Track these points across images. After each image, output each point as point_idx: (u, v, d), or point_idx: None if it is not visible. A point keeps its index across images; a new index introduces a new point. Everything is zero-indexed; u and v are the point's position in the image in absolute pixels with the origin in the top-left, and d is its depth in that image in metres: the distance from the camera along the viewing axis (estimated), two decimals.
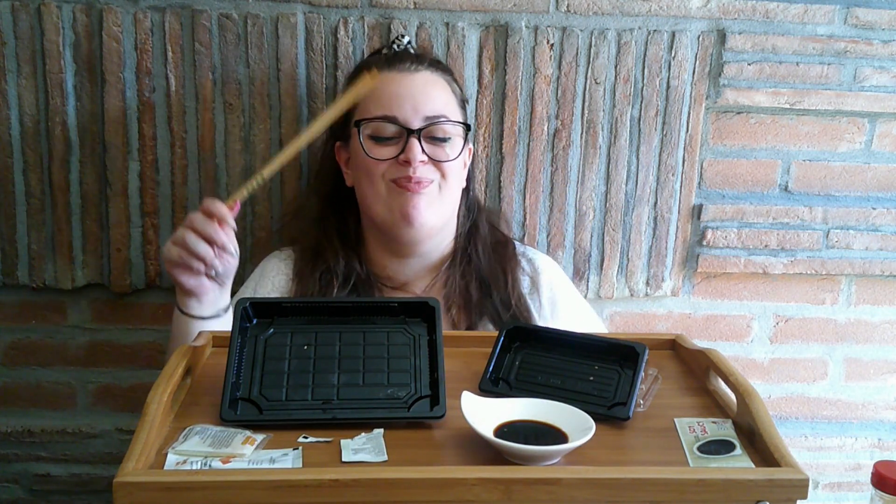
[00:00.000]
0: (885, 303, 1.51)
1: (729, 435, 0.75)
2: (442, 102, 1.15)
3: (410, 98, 1.13)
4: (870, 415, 1.57)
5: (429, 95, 1.14)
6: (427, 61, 1.18)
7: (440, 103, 1.15)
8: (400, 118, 1.13)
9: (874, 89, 1.41)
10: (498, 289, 1.20)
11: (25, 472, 1.46)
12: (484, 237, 1.24)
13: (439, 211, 1.16)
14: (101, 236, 1.36)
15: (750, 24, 1.37)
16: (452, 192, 1.18)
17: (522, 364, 0.85)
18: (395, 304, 0.86)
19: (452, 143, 1.15)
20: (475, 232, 1.24)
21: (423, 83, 1.15)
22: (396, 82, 1.14)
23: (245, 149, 1.34)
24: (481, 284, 1.20)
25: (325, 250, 1.20)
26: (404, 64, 1.16)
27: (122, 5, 1.28)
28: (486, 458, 0.70)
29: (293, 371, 0.79)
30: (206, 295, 1.09)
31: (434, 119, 1.13)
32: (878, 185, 1.46)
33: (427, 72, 1.17)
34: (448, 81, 1.19)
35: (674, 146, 1.40)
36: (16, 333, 1.41)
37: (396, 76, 1.15)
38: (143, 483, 0.63)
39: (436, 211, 1.15)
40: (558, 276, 1.27)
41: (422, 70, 1.16)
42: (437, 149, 1.14)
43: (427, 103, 1.13)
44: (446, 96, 1.17)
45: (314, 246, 1.21)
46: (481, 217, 1.26)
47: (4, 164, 1.32)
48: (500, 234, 1.28)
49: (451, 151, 1.15)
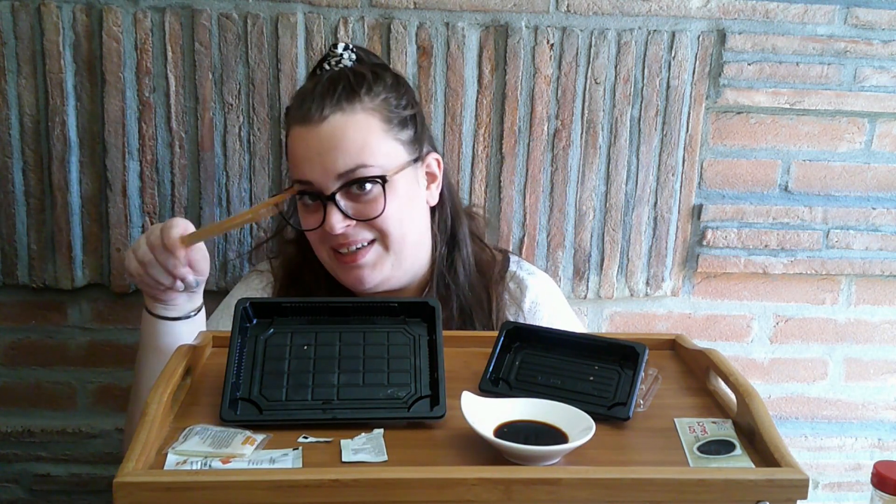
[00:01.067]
0: (885, 303, 1.52)
1: (729, 435, 0.75)
2: (355, 150, 1.02)
3: (318, 158, 1.02)
4: (870, 415, 1.57)
5: (338, 148, 1.01)
6: (338, 96, 1.03)
7: (353, 152, 1.01)
8: (314, 184, 1.03)
9: (874, 89, 1.41)
10: (480, 316, 1.12)
11: (25, 472, 1.46)
12: (465, 258, 1.14)
13: (390, 264, 1.07)
14: (101, 236, 1.36)
15: (750, 24, 1.37)
16: (400, 240, 1.06)
17: (522, 364, 0.85)
18: (395, 304, 0.86)
19: (374, 195, 1.03)
20: (456, 251, 1.14)
21: (330, 135, 1.02)
22: (304, 142, 1.03)
23: (245, 149, 1.34)
24: (462, 312, 1.12)
25: (306, 275, 1.15)
26: (312, 113, 1.02)
27: (122, 5, 1.28)
28: (486, 458, 0.70)
29: (293, 371, 0.79)
30: (172, 300, 1.06)
31: (347, 175, 1.02)
32: (878, 185, 1.46)
33: (336, 115, 1.02)
34: (372, 109, 1.03)
35: (674, 146, 1.40)
36: (16, 333, 1.41)
37: (303, 133, 1.03)
38: (143, 483, 0.63)
39: (387, 268, 1.07)
40: (544, 299, 1.18)
41: (329, 116, 1.02)
42: (362, 205, 1.03)
43: (337, 160, 1.01)
44: (363, 135, 1.02)
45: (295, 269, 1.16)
46: (461, 230, 1.15)
47: (4, 164, 1.32)
48: (488, 252, 1.18)
49: (379, 203, 1.03)
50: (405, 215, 1.07)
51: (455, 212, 1.17)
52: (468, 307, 1.13)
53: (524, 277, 1.18)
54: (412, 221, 1.09)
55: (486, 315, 1.13)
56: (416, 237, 1.10)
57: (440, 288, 1.13)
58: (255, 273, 1.20)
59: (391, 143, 1.05)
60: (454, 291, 1.13)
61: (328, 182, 1.03)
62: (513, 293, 1.16)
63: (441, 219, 1.15)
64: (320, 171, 1.02)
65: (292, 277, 1.16)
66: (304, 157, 1.04)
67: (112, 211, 1.35)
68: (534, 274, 1.21)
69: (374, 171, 1.03)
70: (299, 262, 1.16)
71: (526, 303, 1.16)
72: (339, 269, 1.08)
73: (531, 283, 1.18)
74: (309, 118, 1.03)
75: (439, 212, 1.15)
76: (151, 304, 1.07)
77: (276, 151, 1.35)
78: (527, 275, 1.19)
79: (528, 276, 1.19)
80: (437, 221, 1.14)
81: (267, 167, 1.35)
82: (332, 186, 1.03)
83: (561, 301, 1.23)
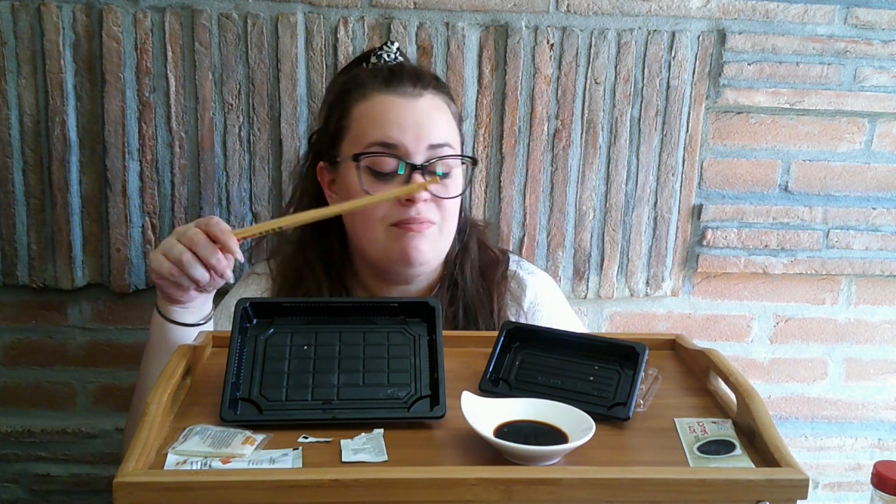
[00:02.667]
0: (885, 303, 1.52)
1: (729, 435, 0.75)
2: (446, 130, 1.07)
3: (414, 126, 1.04)
4: (870, 415, 1.57)
5: (433, 123, 1.06)
6: (427, 82, 1.09)
7: (444, 132, 1.07)
8: (402, 151, 1.04)
9: (874, 89, 1.41)
10: (483, 316, 1.13)
11: (25, 472, 1.46)
12: (473, 259, 1.17)
13: (439, 248, 1.10)
14: (101, 236, 1.36)
15: (750, 24, 1.37)
16: (452, 229, 1.11)
17: (522, 364, 0.85)
18: (395, 304, 0.86)
19: (455, 177, 1.09)
20: (464, 254, 1.17)
21: (427, 109, 1.06)
22: (397, 108, 1.05)
23: (245, 149, 1.34)
24: (467, 311, 1.14)
25: (306, 278, 1.13)
26: (405, 87, 1.06)
27: (122, 5, 1.28)
28: (486, 458, 0.70)
29: (293, 371, 0.79)
30: (191, 303, 1.04)
31: (438, 150, 1.05)
32: (878, 185, 1.46)
33: (429, 96, 1.08)
34: (447, 102, 1.11)
35: (674, 146, 1.40)
36: (16, 333, 1.41)
37: (397, 101, 1.06)
38: (143, 483, 0.63)
39: (436, 250, 1.09)
40: (544, 298, 1.19)
41: (425, 94, 1.07)
42: (440, 185, 1.06)
43: (432, 131, 1.05)
44: (448, 121, 1.09)
45: (294, 271, 1.15)
46: (472, 237, 1.19)
47: (4, 164, 1.32)
48: (492, 254, 1.20)
49: (456, 186, 1.09)
50: (458, 210, 1.12)
51: (467, 219, 1.20)
52: (472, 307, 1.14)
53: (524, 277, 1.19)
54: (457, 219, 1.13)
55: (489, 315, 1.14)
56: (454, 234, 1.14)
57: (450, 288, 1.14)
58: (253, 276, 1.19)
59: (459, 136, 1.12)
60: (460, 292, 1.14)
61: (419, 149, 1.04)
62: (513, 292, 1.17)
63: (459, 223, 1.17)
64: (414, 137, 1.04)
65: (292, 278, 1.15)
66: (396, 122, 1.04)
67: (112, 211, 1.35)
68: (534, 273, 1.21)
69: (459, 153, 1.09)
70: (299, 262, 1.15)
71: (526, 302, 1.17)
72: (397, 242, 1.06)
73: (531, 283, 1.19)
74: (403, 92, 1.06)
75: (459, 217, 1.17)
76: (168, 307, 1.04)
77: (276, 151, 1.35)
78: (527, 274, 1.20)
79: (528, 275, 1.20)
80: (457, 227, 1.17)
81: (267, 167, 1.35)
82: (421, 156, 1.05)
83: (561, 300, 1.23)
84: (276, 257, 1.19)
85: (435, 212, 1.07)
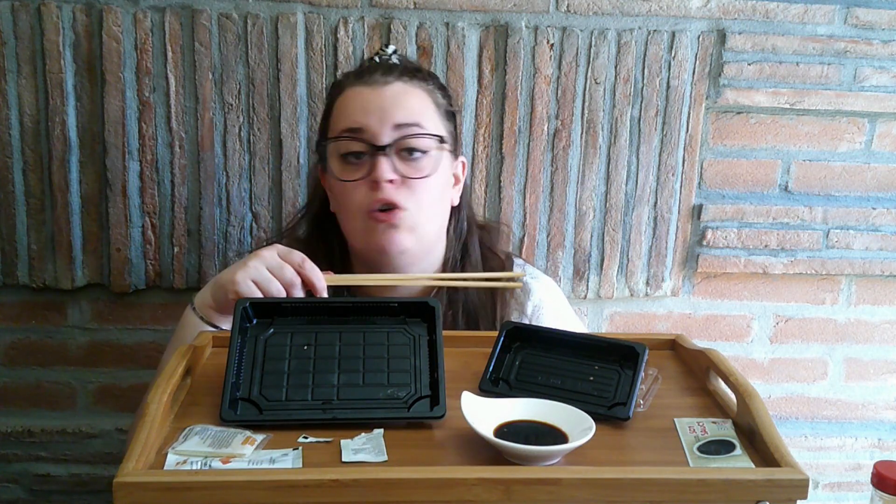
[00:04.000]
0: (885, 303, 1.52)
1: (729, 435, 0.75)
2: (416, 111, 1.06)
3: (378, 110, 1.05)
4: (870, 415, 1.57)
5: (399, 105, 1.05)
6: (401, 71, 1.09)
7: (414, 112, 1.06)
8: (367, 132, 1.04)
9: (874, 89, 1.41)
10: (485, 321, 1.13)
11: (25, 472, 1.46)
12: (475, 264, 1.16)
13: (417, 236, 1.08)
14: (101, 236, 1.36)
15: (750, 24, 1.37)
16: (431, 216, 1.09)
17: (522, 364, 0.85)
18: (395, 304, 0.86)
19: (428, 158, 1.06)
20: (466, 257, 1.16)
21: (394, 94, 1.06)
22: (363, 96, 1.06)
23: (245, 149, 1.34)
24: (468, 315, 1.13)
25: None
26: (374, 76, 1.07)
27: (122, 5, 1.28)
28: (486, 458, 0.70)
29: (293, 371, 0.79)
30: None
31: (404, 129, 1.04)
32: (878, 185, 1.46)
33: (399, 83, 1.07)
34: (428, 90, 1.10)
35: (674, 146, 1.40)
36: (16, 333, 1.41)
37: (364, 90, 1.07)
38: (143, 483, 0.63)
39: (414, 237, 1.07)
40: (547, 303, 1.18)
41: (393, 81, 1.07)
42: (409, 166, 1.05)
43: (397, 112, 1.05)
44: (421, 105, 1.08)
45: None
46: (472, 240, 1.17)
47: (4, 164, 1.32)
48: (496, 259, 1.19)
49: (427, 167, 1.06)
50: (440, 196, 1.10)
51: (469, 220, 1.19)
52: (474, 311, 1.13)
53: (528, 281, 1.18)
54: (441, 207, 1.11)
55: (491, 319, 1.13)
56: (438, 227, 1.12)
57: (450, 290, 1.13)
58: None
59: (441, 125, 1.10)
60: (461, 296, 1.13)
61: (384, 130, 1.04)
62: (517, 297, 1.17)
63: (457, 223, 1.17)
64: (377, 119, 1.04)
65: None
66: (362, 107, 1.06)
67: (112, 211, 1.35)
68: (537, 278, 1.21)
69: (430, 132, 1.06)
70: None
71: (529, 307, 1.16)
72: (373, 233, 1.06)
73: (535, 287, 1.18)
74: (371, 81, 1.07)
75: (456, 216, 1.16)
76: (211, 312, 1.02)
77: (276, 151, 1.35)
78: (530, 279, 1.19)
79: (531, 280, 1.19)
80: (454, 225, 1.16)
81: (267, 167, 1.35)
82: (386, 136, 1.04)
83: (564, 305, 1.23)
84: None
85: (406, 195, 1.05)
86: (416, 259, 1.11)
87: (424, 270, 1.13)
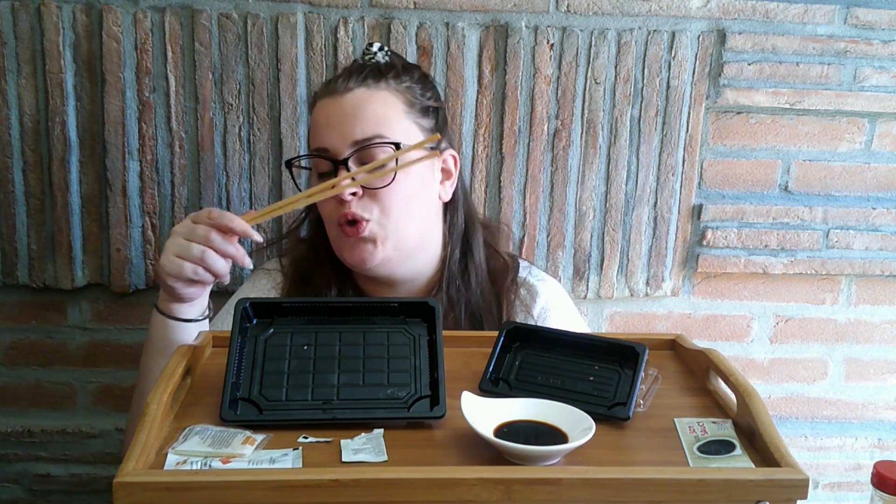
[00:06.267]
0: (885, 303, 1.52)
1: (729, 435, 0.75)
2: (375, 121, 1.04)
3: (338, 125, 1.04)
4: (870, 415, 1.57)
5: (357, 118, 1.04)
6: (366, 74, 1.07)
7: (372, 123, 1.04)
8: (330, 151, 1.05)
9: (874, 89, 1.41)
10: (490, 324, 1.12)
11: (25, 472, 1.46)
12: (479, 264, 1.14)
13: (391, 245, 1.06)
14: (101, 236, 1.36)
15: (750, 24, 1.37)
16: (401, 222, 1.06)
17: (522, 364, 0.85)
18: (395, 304, 0.86)
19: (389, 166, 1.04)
20: (469, 258, 1.14)
21: (354, 105, 1.05)
22: (326, 110, 1.07)
23: (245, 149, 1.34)
24: (472, 317, 1.12)
25: (316, 275, 1.14)
26: (338, 83, 1.07)
27: (122, 5, 1.28)
28: (486, 458, 0.70)
29: (293, 371, 0.79)
30: (197, 300, 1.06)
31: (363, 143, 1.04)
32: (878, 185, 1.46)
33: (361, 89, 1.06)
34: (397, 90, 1.07)
35: (674, 146, 1.40)
36: (16, 333, 1.41)
37: (327, 103, 1.07)
38: (143, 483, 0.63)
39: (386, 247, 1.06)
40: (555, 305, 1.17)
41: (354, 89, 1.06)
42: (372, 177, 1.03)
43: (355, 127, 1.04)
44: (383, 111, 1.05)
45: (305, 268, 1.16)
46: (476, 238, 1.16)
47: (4, 164, 1.32)
48: (501, 260, 1.18)
49: (388, 174, 1.03)
50: (413, 198, 1.07)
51: (469, 217, 1.17)
52: (478, 312, 1.13)
53: (534, 283, 1.18)
54: (419, 208, 1.09)
55: (496, 321, 1.12)
56: (422, 227, 1.10)
57: (450, 291, 1.12)
58: (263, 272, 1.19)
59: (410, 124, 1.07)
60: (464, 296, 1.13)
61: (344, 148, 1.05)
62: (523, 299, 1.16)
63: (453, 220, 1.15)
64: (338, 137, 1.05)
65: (302, 276, 1.15)
66: (324, 125, 1.06)
67: (112, 211, 1.35)
68: (544, 280, 1.20)
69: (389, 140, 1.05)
70: (310, 261, 1.16)
71: (536, 309, 1.16)
72: (344, 246, 1.07)
73: (542, 289, 1.18)
74: (334, 90, 1.07)
75: (451, 212, 1.15)
76: (171, 306, 1.05)
77: (276, 151, 1.35)
78: (537, 281, 1.19)
79: (538, 282, 1.19)
80: (449, 222, 1.15)
81: (267, 167, 1.35)
82: (346, 150, 1.05)
83: (571, 307, 1.22)
84: (289, 255, 1.20)
85: (370, 206, 1.05)
86: (400, 264, 1.09)
87: (418, 271, 1.13)
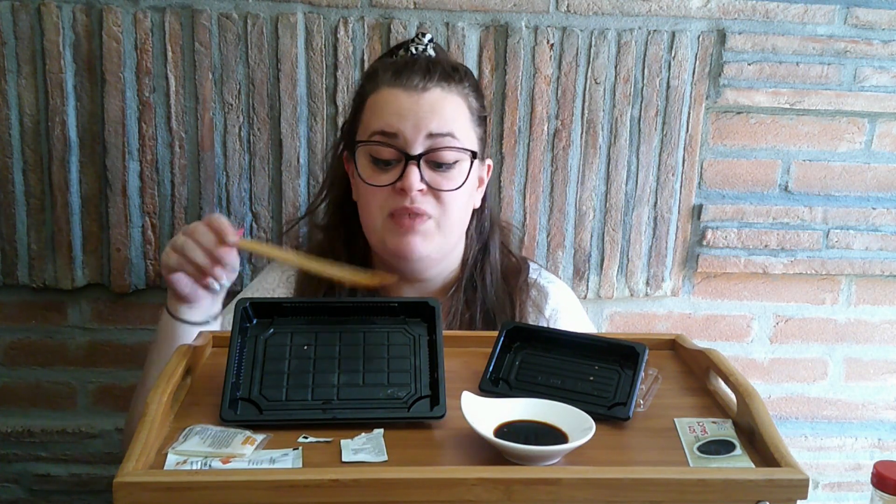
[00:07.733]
0: (885, 303, 1.52)
1: (729, 435, 0.75)
2: (450, 120, 1.05)
3: (414, 117, 1.03)
4: (870, 415, 1.57)
5: (435, 113, 1.04)
6: (439, 74, 1.06)
7: (448, 121, 1.05)
8: (399, 139, 1.04)
9: (874, 89, 1.41)
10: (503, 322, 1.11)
11: (25, 472, 1.46)
12: (494, 264, 1.15)
13: (438, 244, 1.08)
14: (101, 236, 1.36)
15: (750, 24, 1.37)
16: (454, 224, 1.08)
17: (522, 364, 0.85)
18: (395, 304, 0.86)
19: (458, 169, 1.06)
20: (485, 257, 1.15)
21: (431, 103, 1.04)
22: (399, 100, 1.05)
23: (245, 149, 1.34)
24: (486, 316, 1.13)
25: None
26: (412, 80, 1.05)
27: (122, 5, 1.28)
28: (486, 458, 0.70)
29: (293, 371, 0.79)
30: (198, 302, 1.07)
31: (438, 139, 1.04)
32: (878, 185, 1.46)
33: (437, 89, 1.05)
34: (465, 94, 1.08)
35: (674, 146, 1.40)
36: (16, 333, 1.41)
37: (401, 94, 1.05)
38: (143, 483, 0.63)
39: (434, 244, 1.07)
40: (565, 307, 1.18)
41: (431, 88, 1.05)
42: (439, 176, 1.05)
43: (432, 121, 1.04)
44: (457, 113, 1.06)
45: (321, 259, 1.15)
46: (493, 239, 1.17)
47: (4, 164, 1.32)
48: (514, 260, 1.20)
49: (456, 178, 1.05)
50: (464, 204, 1.09)
51: (491, 220, 1.19)
52: (492, 312, 1.13)
53: (545, 285, 1.19)
54: (465, 213, 1.11)
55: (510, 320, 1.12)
56: (460, 233, 1.12)
57: (468, 291, 1.13)
58: (277, 264, 1.20)
59: (473, 133, 1.09)
60: (480, 296, 1.13)
61: (417, 138, 1.04)
62: (535, 300, 1.17)
63: (479, 223, 1.17)
64: (412, 125, 1.03)
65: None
66: (397, 112, 1.04)
67: (112, 211, 1.35)
68: (553, 282, 1.21)
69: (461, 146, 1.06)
70: (325, 251, 1.15)
71: (547, 310, 1.17)
72: (393, 235, 1.06)
73: (552, 291, 1.19)
74: (410, 85, 1.05)
75: (478, 216, 1.16)
76: (176, 305, 1.07)
77: (276, 151, 1.35)
78: (547, 283, 1.20)
79: (548, 284, 1.20)
80: (475, 225, 1.16)
81: (267, 167, 1.35)
82: (419, 145, 1.04)
83: (580, 310, 1.23)
84: (303, 247, 1.21)
85: (433, 204, 1.05)
86: (434, 263, 1.11)
87: (442, 272, 1.14)
